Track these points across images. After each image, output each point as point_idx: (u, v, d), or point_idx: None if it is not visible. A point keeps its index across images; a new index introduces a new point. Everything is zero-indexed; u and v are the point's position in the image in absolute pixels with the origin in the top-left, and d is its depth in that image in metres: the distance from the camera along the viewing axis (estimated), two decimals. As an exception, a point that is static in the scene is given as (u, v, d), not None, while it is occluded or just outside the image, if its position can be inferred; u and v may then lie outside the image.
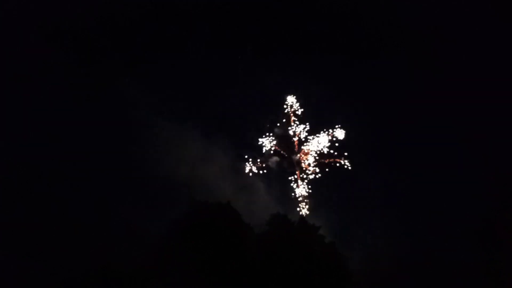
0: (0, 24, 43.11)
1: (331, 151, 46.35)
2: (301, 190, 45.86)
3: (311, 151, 46.66)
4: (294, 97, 47.50)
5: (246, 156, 46.29)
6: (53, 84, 42.55)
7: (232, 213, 35.44)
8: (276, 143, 47.07)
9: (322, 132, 46.63)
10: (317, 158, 46.59)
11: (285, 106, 47.54)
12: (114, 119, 42.68)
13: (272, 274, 32.95)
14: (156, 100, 44.99)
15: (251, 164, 46.17)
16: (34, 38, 43.49)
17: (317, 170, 46.25)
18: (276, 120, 47.50)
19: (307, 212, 45.20)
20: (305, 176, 46.29)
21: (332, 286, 33.86)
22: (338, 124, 46.40)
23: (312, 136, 46.99)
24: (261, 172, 46.24)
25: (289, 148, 47.34)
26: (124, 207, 37.54)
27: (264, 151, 46.78)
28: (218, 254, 32.96)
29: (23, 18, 44.01)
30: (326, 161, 46.35)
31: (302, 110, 47.37)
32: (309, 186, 45.94)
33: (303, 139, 47.26)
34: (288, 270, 33.00)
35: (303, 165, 46.66)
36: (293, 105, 47.37)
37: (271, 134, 47.07)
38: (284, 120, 47.47)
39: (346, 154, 45.85)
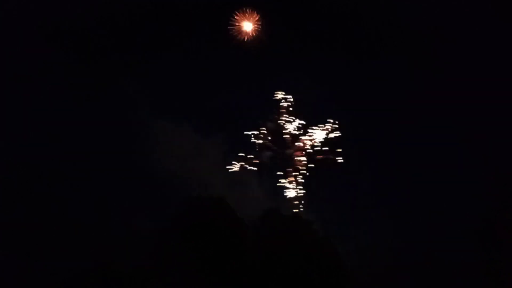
0: (0, 24, 43.08)
1: (327, 149, 46.43)
2: (294, 186, 45.86)
3: (306, 146, 46.69)
4: (284, 92, 47.59)
5: (240, 154, 46.39)
6: (53, 84, 42.53)
7: (229, 210, 35.45)
8: (269, 138, 47.13)
9: (317, 127, 46.66)
10: (312, 154, 46.62)
11: (278, 102, 47.63)
12: (114, 119, 42.70)
13: (271, 273, 32.93)
14: (156, 100, 45.11)
15: (244, 160, 46.17)
16: (34, 38, 43.46)
17: (312, 165, 46.28)
18: (271, 116, 47.62)
19: (302, 209, 45.20)
20: (298, 173, 46.32)
21: (331, 285, 33.84)
22: (337, 123, 46.47)
23: (304, 131, 47.13)
24: (254, 168, 46.30)
25: (282, 143, 47.44)
26: (124, 207, 37.57)
27: (257, 147, 46.88)
28: (218, 253, 32.93)
29: (23, 18, 43.96)
30: (321, 158, 46.34)
31: (299, 108, 47.48)
32: (303, 182, 46.01)
33: (298, 135, 47.38)
34: (286, 268, 32.96)
35: (296, 160, 46.68)
36: (284, 100, 47.39)
37: (264, 130, 47.13)
38: (276, 116, 47.60)
39: (341, 151, 45.92)
